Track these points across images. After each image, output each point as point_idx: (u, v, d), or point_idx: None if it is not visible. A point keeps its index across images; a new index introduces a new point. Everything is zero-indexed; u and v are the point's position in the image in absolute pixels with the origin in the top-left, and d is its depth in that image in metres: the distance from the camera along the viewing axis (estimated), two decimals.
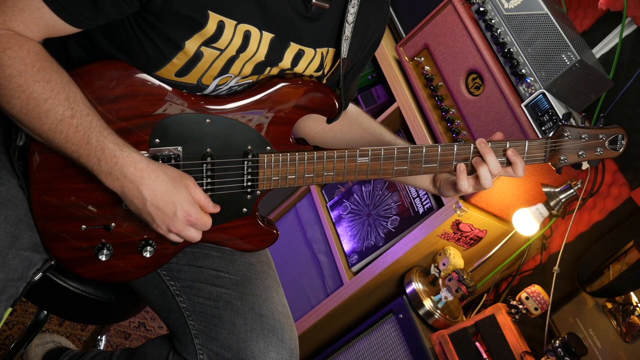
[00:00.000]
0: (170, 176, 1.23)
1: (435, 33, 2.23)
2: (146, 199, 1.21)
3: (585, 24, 2.34)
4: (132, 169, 1.19)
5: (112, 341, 2.52)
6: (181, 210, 1.23)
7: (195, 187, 1.26)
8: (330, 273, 2.47)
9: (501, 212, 2.20)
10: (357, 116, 1.62)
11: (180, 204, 1.23)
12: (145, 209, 1.22)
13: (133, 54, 1.24)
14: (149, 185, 1.20)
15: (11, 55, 1.13)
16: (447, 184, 1.46)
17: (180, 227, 1.25)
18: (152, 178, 1.20)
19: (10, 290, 1.32)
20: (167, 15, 1.18)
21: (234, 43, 1.25)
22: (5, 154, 1.34)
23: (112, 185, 1.21)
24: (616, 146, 1.45)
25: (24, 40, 1.15)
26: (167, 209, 1.22)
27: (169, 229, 1.25)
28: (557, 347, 1.91)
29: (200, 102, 1.30)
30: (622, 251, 2.06)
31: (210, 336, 1.40)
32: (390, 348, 2.17)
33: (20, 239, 1.32)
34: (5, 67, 1.12)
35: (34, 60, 1.15)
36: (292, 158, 1.35)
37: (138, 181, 1.19)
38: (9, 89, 1.13)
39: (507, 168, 1.40)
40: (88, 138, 1.17)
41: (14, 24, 1.14)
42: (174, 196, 1.22)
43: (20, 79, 1.13)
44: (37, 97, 1.14)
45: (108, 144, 1.18)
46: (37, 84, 1.14)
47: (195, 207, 1.25)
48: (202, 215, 1.26)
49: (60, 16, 1.15)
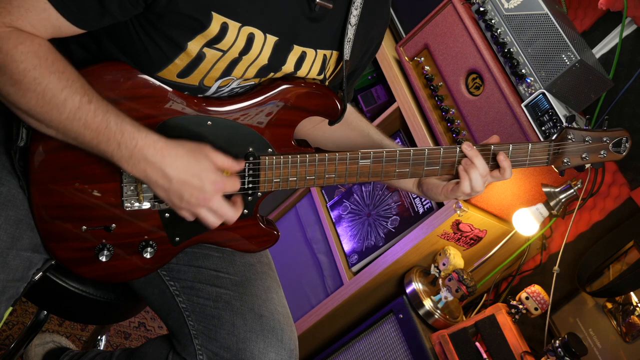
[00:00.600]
0: (189, 149, 1.23)
1: (435, 33, 2.23)
2: (171, 178, 1.20)
3: (585, 24, 2.34)
4: (152, 149, 1.19)
5: (112, 341, 2.52)
6: (207, 180, 1.22)
7: (216, 153, 1.25)
8: (330, 273, 2.47)
9: (501, 212, 2.20)
10: (348, 115, 1.62)
11: (205, 174, 1.22)
12: (172, 187, 1.21)
13: (135, 54, 1.24)
14: (171, 163, 1.20)
15: (24, 51, 1.13)
16: (436, 188, 1.47)
17: (209, 196, 1.23)
18: (172, 155, 1.20)
19: (10, 290, 1.32)
20: (171, 16, 1.18)
21: (237, 45, 1.24)
22: (5, 154, 1.34)
23: (134, 171, 1.20)
24: (620, 149, 1.45)
25: (34, 36, 1.15)
26: (194, 182, 1.21)
27: (198, 202, 1.24)
28: (557, 347, 1.91)
29: (201, 104, 1.30)
30: (622, 251, 2.07)
31: (209, 336, 1.40)
32: (390, 348, 2.17)
33: (21, 240, 1.32)
34: (19, 62, 1.12)
35: (47, 53, 1.15)
36: (293, 160, 1.35)
37: (160, 161, 1.19)
38: (24, 83, 1.13)
39: (494, 172, 1.41)
40: (107, 122, 1.16)
41: (20, 24, 1.14)
42: (197, 168, 1.22)
43: (35, 71, 1.13)
44: (53, 88, 1.14)
45: (126, 126, 1.18)
46: (52, 75, 1.14)
47: (218, 173, 1.24)
48: (228, 179, 1.26)
49: (66, 17, 1.15)
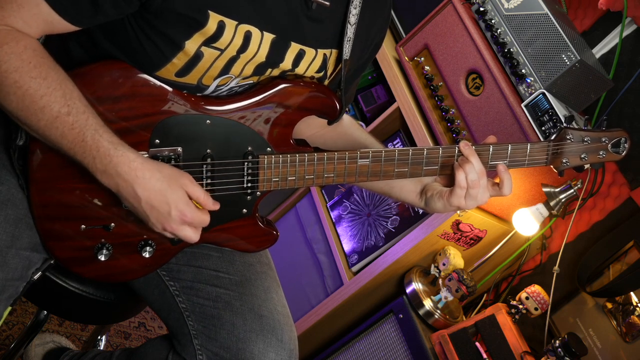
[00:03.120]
0: (166, 175, 1.22)
1: (435, 33, 2.23)
2: (140, 198, 1.20)
3: (585, 24, 2.34)
4: (126, 167, 1.18)
5: (112, 341, 2.52)
6: (175, 209, 1.22)
7: (194, 185, 1.24)
8: (330, 273, 2.47)
9: (501, 212, 2.20)
10: (350, 126, 1.61)
11: (175, 203, 1.21)
12: (140, 207, 1.22)
13: (133, 54, 1.24)
14: (143, 184, 1.19)
15: (7, 51, 1.12)
16: (438, 195, 1.42)
17: (175, 226, 1.24)
18: (146, 177, 1.19)
19: (10, 289, 1.32)
20: (167, 15, 1.18)
21: (234, 43, 1.24)
22: (5, 153, 1.34)
23: (107, 183, 1.20)
24: (619, 149, 1.45)
25: (22, 36, 1.15)
26: (162, 208, 1.21)
27: (164, 227, 1.24)
28: (557, 347, 1.91)
29: (200, 103, 1.30)
30: (622, 251, 2.07)
31: (209, 336, 1.40)
32: (390, 348, 2.17)
33: (20, 239, 1.32)
34: (2, 63, 1.12)
35: (30, 56, 1.14)
36: (292, 159, 1.35)
37: (132, 180, 1.19)
38: (5, 85, 1.13)
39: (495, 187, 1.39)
40: (83, 136, 1.16)
41: (12, 20, 1.13)
42: (169, 195, 1.21)
43: (16, 75, 1.13)
44: (33, 94, 1.13)
45: (103, 142, 1.17)
46: (33, 81, 1.13)
47: (190, 206, 1.23)
48: (197, 214, 1.24)
49: (59, 13, 1.15)
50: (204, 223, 1.26)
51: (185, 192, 1.23)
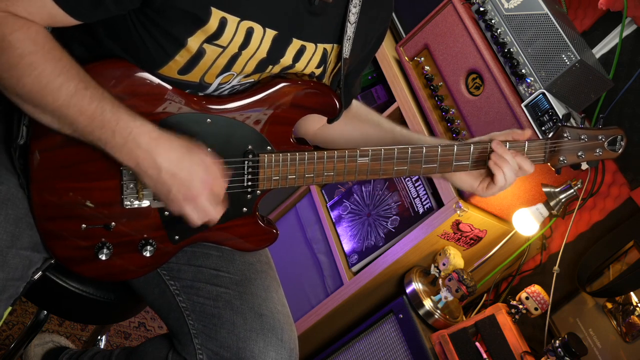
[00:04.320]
0: (184, 145, 1.23)
1: (435, 33, 2.24)
2: (161, 167, 1.20)
3: (585, 24, 2.34)
4: (146, 137, 1.18)
5: (112, 341, 2.52)
6: (197, 177, 1.22)
7: (208, 155, 1.26)
8: (330, 273, 2.47)
9: (501, 212, 2.20)
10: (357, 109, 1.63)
11: (196, 171, 1.22)
12: (160, 177, 1.21)
13: (136, 52, 1.24)
14: (163, 153, 1.19)
15: (20, 37, 1.13)
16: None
17: (197, 193, 1.23)
18: (166, 146, 1.20)
19: (10, 289, 1.32)
20: (169, 12, 1.18)
21: (236, 40, 1.24)
22: (5, 152, 1.34)
23: (125, 159, 1.20)
24: (615, 147, 1.46)
25: (31, 23, 1.16)
26: (184, 176, 1.21)
27: (185, 198, 1.23)
28: (557, 347, 1.91)
29: (201, 102, 1.30)
30: (622, 251, 2.07)
31: (209, 336, 1.40)
32: (390, 348, 2.17)
33: (20, 238, 1.32)
34: (16, 48, 1.12)
35: (44, 40, 1.15)
36: (292, 158, 1.35)
37: (152, 150, 1.19)
38: (19, 67, 1.13)
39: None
40: (102, 109, 1.16)
41: (16, 9, 1.14)
42: (189, 163, 1.22)
43: (32, 57, 1.13)
44: (49, 73, 1.14)
45: (122, 114, 1.17)
46: (48, 62, 1.14)
47: (209, 172, 1.24)
48: (216, 179, 1.25)
49: (61, 6, 1.15)
50: (222, 189, 1.27)
51: (203, 159, 1.24)
